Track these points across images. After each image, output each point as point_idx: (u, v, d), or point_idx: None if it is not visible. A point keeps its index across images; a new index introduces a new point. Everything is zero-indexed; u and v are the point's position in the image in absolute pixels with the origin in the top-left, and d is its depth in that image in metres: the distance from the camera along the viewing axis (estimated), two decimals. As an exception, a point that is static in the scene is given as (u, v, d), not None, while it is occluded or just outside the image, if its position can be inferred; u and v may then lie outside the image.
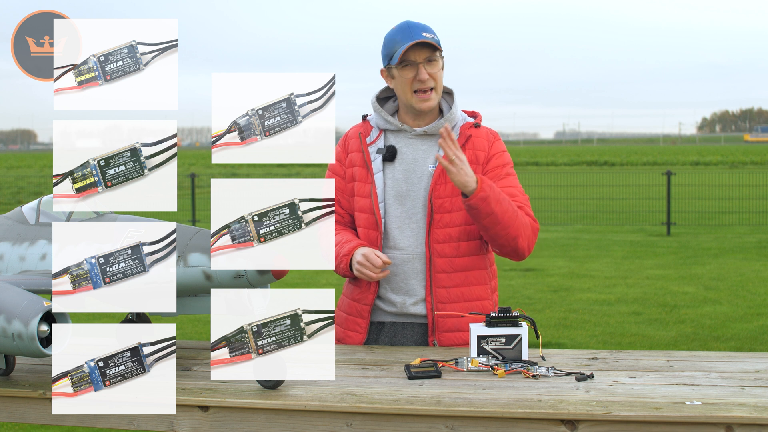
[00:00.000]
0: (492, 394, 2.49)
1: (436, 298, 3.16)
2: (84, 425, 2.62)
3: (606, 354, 2.97)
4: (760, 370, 2.72)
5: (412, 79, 3.14)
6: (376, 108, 3.28)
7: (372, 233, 3.21)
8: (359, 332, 3.24)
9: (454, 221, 3.16)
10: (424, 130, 3.22)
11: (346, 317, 3.27)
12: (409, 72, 3.14)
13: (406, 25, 3.15)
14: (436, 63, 3.15)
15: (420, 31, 3.12)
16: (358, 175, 3.26)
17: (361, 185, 3.24)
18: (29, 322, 2.46)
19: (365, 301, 3.23)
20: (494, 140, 3.26)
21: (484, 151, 3.22)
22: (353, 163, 3.28)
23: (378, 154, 3.24)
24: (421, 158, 3.23)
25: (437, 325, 3.18)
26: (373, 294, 3.22)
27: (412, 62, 3.12)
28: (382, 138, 3.27)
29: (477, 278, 3.20)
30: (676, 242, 14.98)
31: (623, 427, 2.31)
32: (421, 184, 3.20)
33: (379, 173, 3.22)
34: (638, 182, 23.80)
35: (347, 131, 3.37)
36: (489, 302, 3.21)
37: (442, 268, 3.15)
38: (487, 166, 3.21)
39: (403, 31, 3.13)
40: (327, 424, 2.45)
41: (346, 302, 3.31)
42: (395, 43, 3.14)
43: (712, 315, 8.84)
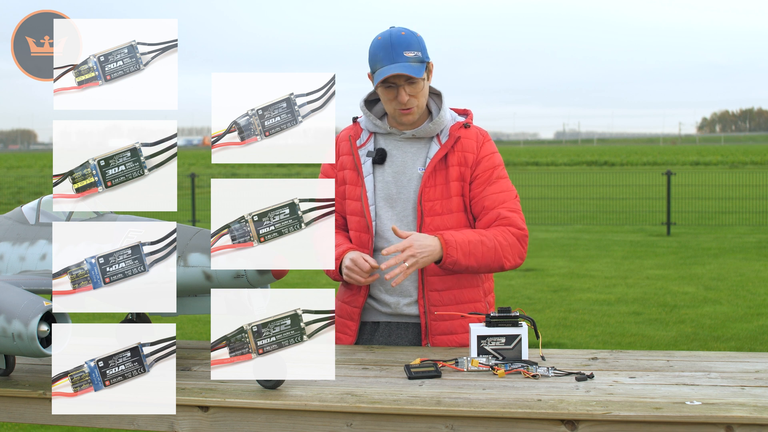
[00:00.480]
0: (492, 394, 2.49)
1: (428, 301, 3.17)
2: (84, 425, 2.62)
3: (606, 354, 2.97)
4: (760, 370, 2.72)
5: (392, 98, 3.13)
6: (364, 112, 3.28)
7: (363, 236, 3.21)
8: (349, 335, 3.25)
9: (444, 224, 3.15)
10: (413, 134, 3.22)
11: (336, 319, 3.27)
12: (389, 93, 3.13)
13: (389, 42, 3.09)
14: (417, 84, 3.11)
15: (402, 50, 3.07)
16: (348, 178, 3.26)
17: (352, 188, 3.24)
18: (29, 322, 2.46)
19: (355, 304, 3.24)
20: (483, 141, 3.23)
21: (473, 152, 3.20)
22: (344, 166, 3.28)
23: (368, 157, 3.24)
24: (410, 161, 3.23)
25: (430, 328, 3.18)
26: (364, 297, 3.23)
27: (393, 84, 3.11)
28: (372, 141, 3.27)
29: (469, 281, 3.20)
30: (676, 242, 14.98)
31: (623, 427, 2.31)
32: (410, 186, 3.20)
33: (369, 176, 3.22)
34: (638, 182, 23.80)
35: (338, 134, 3.36)
36: (481, 304, 3.21)
37: (434, 272, 3.15)
38: (476, 170, 3.19)
39: (385, 49, 3.08)
40: (327, 424, 2.45)
41: (336, 304, 3.30)
42: (377, 60, 3.11)
43: (712, 315, 8.84)
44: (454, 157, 3.18)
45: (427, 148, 3.22)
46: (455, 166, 3.17)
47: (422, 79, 3.12)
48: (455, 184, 3.17)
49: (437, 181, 3.16)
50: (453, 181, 3.17)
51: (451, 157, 3.18)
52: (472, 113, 3.31)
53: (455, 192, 3.17)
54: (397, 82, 3.10)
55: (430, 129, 3.20)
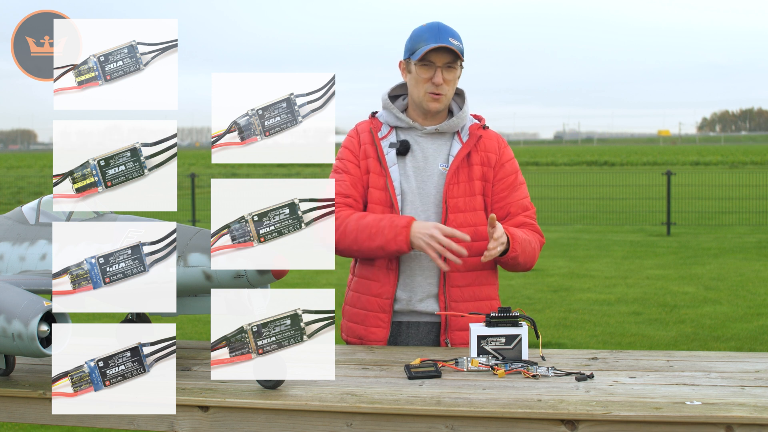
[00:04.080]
0: (492, 394, 2.49)
1: (449, 297, 3.18)
2: (84, 425, 2.62)
3: (606, 354, 2.97)
4: (760, 370, 2.72)
5: (427, 79, 3.17)
6: (387, 105, 3.30)
7: None
8: (383, 327, 3.21)
9: (467, 221, 3.19)
10: (436, 128, 3.24)
11: (366, 314, 3.23)
12: (426, 72, 3.17)
13: (436, 26, 3.18)
14: (454, 70, 3.19)
15: (448, 36, 3.15)
16: (372, 167, 3.26)
17: (376, 177, 3.24)
18: (29, 322, 2.46)
19: (386, 295, 3.21)
20: (504, 146, 3.32)
21: (495, 153, 3.27)
22: (367, 154, 3.27)
23: (391, 148, 3.25)
24: (431, 156, 3.25)
25: (450, 323, 3.19)
26: (393, 287, 3.20)
27: (431, 63, 3.16)
28: (393, 134, 3.28)
29: (487, 278, 3.24)
30: (676, 242, 14.98)
31: (623, 427, 2.31)
32: (431, 182, 3.22)
33: (394, 166, 3.23)
34: (638, 182, 23.80)
35: (356, 125, 3.37)
36: (496, 302, 3.26)
37: (456, 267, 3.16)
38: (500, 173, 3.25)
39: (432, 30, 3.17)
40: (327, 424, 2.45)
41: (363, 299, 3.25)
42: (421, 40, 3.17)
43: (712, 315, 8.84)
44: (477, 156, 3.23)
45: (449, 145, 3.26)
46: (478, 165, 3.23)
47: (459, 66, 3.20)
48: (478, 183, 3.22)
49: (461, 179, 3.21)
50: (476, 180, 3.22)
51: (474, 156, 3.23)
52: (484, 119, 3.37)
53: (478, 191, 3.22)
54: (437, 62, 3.15)
55: (453, 124, 3.25)
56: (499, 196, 3.24)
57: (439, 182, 3.22)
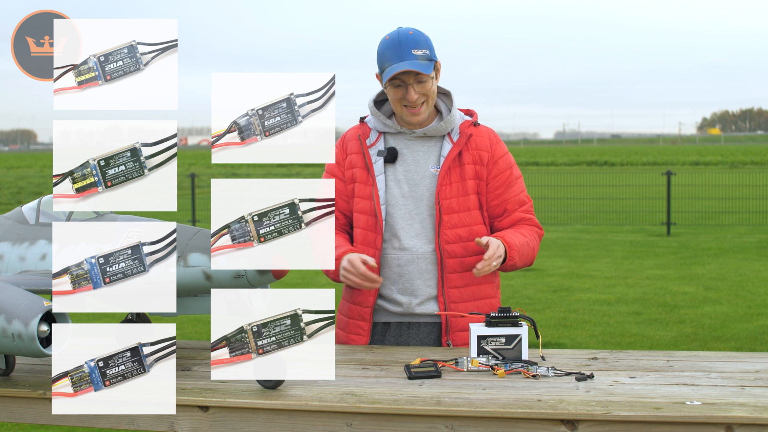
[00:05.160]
0: (492, 394, 2.49)
1: (448, 298, 3.18)
2: (84, 425, 2.62)
3: (606, 354, 2.97)
4: (760, 370, 2.72)
5: (401, 97, 3.14)
6: (373, 111, 3.28)
7: (370, 235, 3.21)
8: (362, 335, 3.24)
9: (462, 221, 3.18)
10: (424, 132, 3.22)
11: (347, 321, 3.27)
12: (397, 92, 3.14)
13: (397, 41, 3.10)
14: (426, 82, 3.12)
15: (410, 48, 3.08)
16: (358, 177, 3.25)
17: (362, 186, 3.24)
18: (29, 322, 2.46)
19: (366, 304, 3.23)
20: (496, 142, 3.28)
21: (487, 151, 3.23)
22: (353, 164, 3.27)
23: (379, 156, 3.24)
24: (422, 159, 3.23)
25: (451, 324, 3.19)
26: (374, 296, 3.23)
27: (402, 82, 3.11)
28: (381, 140, 3.27)
29: (485, 277, 3.23)
30: (676, 242, 14.98)
31: (623, 427, 2.31)
32: (423, 184, 3.21)
33: (380, 175, 3.22)
34: (638, 182, 23.79)
35: (345, 133, 3.36)
36: (496, 300, 3.26)
37: (453, 269, 3.17)
38: (493, 171, 3.23)
39: (393, 47, 3.10)
40: (327, 424, 2.45)
41: (346, 306, 3.30)
42: (386, 59, 3.12)
43: (712, 315, 8.84)
44: (468, 155, 3.20)
45: (439, 147, 3.23)
46: (470, 164, 3.20)
47: (431, 78, 3.13)
48: (471, 182, 3.20)
49: (453, 179, 3.19)
50: (469, 179, 3.20)
51: (465, 155, 3.21)
52: (477, 113, 3.32)
53: (471, 190, 3.20)
54: (406, 80, 3.10)
55: (441, 127, 3.21)
56: (495, 194, 3.23)
57: (431, 184, 3.20)
